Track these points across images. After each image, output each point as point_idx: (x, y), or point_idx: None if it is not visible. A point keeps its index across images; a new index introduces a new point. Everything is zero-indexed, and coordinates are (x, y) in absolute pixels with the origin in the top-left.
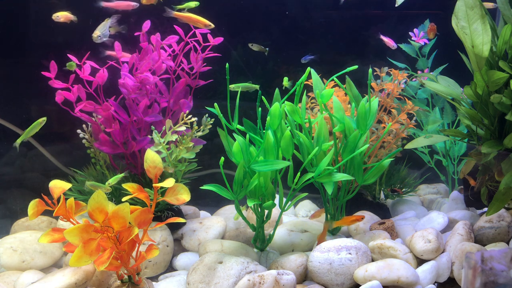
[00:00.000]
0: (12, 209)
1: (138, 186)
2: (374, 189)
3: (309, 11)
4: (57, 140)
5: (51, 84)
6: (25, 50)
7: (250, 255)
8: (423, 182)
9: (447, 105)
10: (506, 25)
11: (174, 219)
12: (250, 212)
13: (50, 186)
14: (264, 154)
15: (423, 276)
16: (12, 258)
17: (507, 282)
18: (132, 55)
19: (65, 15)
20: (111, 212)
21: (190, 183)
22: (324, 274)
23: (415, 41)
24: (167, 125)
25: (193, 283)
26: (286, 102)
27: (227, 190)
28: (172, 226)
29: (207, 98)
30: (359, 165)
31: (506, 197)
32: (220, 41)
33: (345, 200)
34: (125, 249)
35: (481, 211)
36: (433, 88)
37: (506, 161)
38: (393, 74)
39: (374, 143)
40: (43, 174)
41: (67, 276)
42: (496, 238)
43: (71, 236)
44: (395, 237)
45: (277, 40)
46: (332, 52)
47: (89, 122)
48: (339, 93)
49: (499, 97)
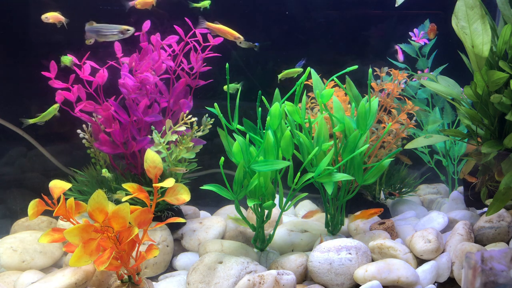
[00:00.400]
0: (12, 209)
1: (138, 186)
2: (374, 189)
3: (309, 11)
4: (57, 140)
5: (51, 84)
6: (25, 50)
7: (250, 255)
8: (423, 182)
9: (447, 105)
10: (506, 25)
11: (174, 219)
12: (250, 212)
13: (50, 186)
14: (264, 154)
15: (423, 276)
16: (12, 258)
17: (507, 282)
18: (132, 55)
19: (54, 16)
20: (111, 212)
21: (190, 183)
22: (324, 274)
23: (415, 41)
24: (167, 125)
25: (193, 283)
26: (286, 102)
27: (227, 190)
28: (172, 226)
29: (207, 98)
30: (359, 165)
31: (506, 197)
32: (220, 41)
33: (345, 200)
34: (125, 249)
35: (481, 211)
36: (433, 88)
37: (506, 161)
38: (393, 74)
39: (374, 143)
40: (43, 174)
41: (67, 276)
42: (496, 238)
43: (71, 236)
44: (395, 237)
45: (277, 40)
46: (332, 52)
47: (89, 122)
48: (339, 93)
49: (499, 97)
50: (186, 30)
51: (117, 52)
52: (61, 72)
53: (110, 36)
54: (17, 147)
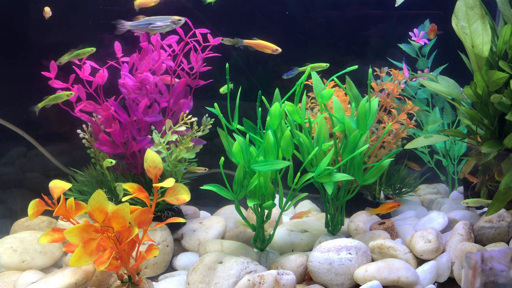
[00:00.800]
0: (12, 209)
1: (138, 186)
2: (374, 189)
3: (309, 11)
4: (57, 140)
5: (51, 84)
6: (25, 50)
7: (250, 255)
8: (423, 182)
9: (447, 105)
10: (506, 25)
11: (174, 219)
12: (250, 212)
13: (50, 186)
14: (264, 154)
15: (423, 276)
16: (12, 258)
17: (507, 282)
18: (132, 55)
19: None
20: (111, 212)
21: (190, 183)
22: (324, 274)
23: (415, 41)
24: (167, 125)
25: (193, 283)
26: (286, 102)
27: (227, 190)
28: (172, 226)
29: (207, 98)
30: (359, 165)
31: (506, 197)
32: (219, 41)
33: (345, 200)
34: (125, 249)
35: (481, 211)
36: (433, 88)
37: (506, 161)
38: (393, 74)
39: (374, 143)
40: (43, 174)
41: (67, 276)
42: (496, 238)
43: (71, 236)
44: (395, 237)
45: (277, 40)
46: (332, 52)
47: (89, 122)
48: (339, 93)
49: (499, 97)
50: (186, 31)
51: (117, 52)
52: (61, 72)
53: (163, 28)
54: (17, 147)
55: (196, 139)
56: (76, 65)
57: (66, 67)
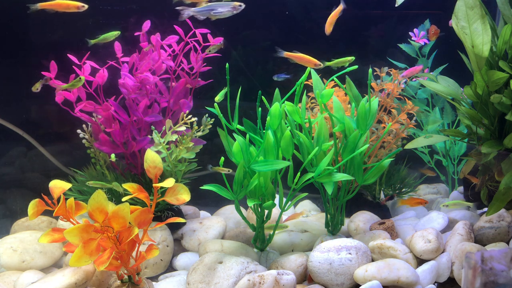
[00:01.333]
0: (12, 209)
1: (138, 186)
2: (374, 189)
3: (309, 11)
4: (57, 140)
5: (51, 84)
6: (25, 50)
7: (250, 255)
8: (423, 182)
9: (447, 105)
10: (506, 25)
11: (174, 219)
12: (250, 212)
13: (50, 186)
14: (264, 154)
15: (423, 276)
16: (12, 258)
17: (507, 282)
18: (132, 55)
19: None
20: (111, 212)
21: (190, 183)
22: (324, 274)
23: (415, 41)
24: (167, 125)
25: (193, 283)
26: (286, 102)
27: (227, 190)
28: (172, 226)
29: (207, 98)
30: (359, 165)
31: (506, 197)
32: (219, 41)
33: (345, 200)
34: (125, 249)
35: (481, 211)
36: (433, 88)
37: (506, 161)
38: (393, 74)
39: (374, 143)
40: (43, 174)
41: (67, 276)
42: (496, 238)
43: (71, 236)
44: (395, 237)
45: (277, 40)
46: (332, 52)
47: (89, 122)
48: (339, 93)
49: (499, 97)
50: (186, 30)
51: (117, 52)
52: (61, 72)
53: (224, 13)
54: (17, 147)
55: (196, 139)
56: (76, 65)
57: (66, 67)
